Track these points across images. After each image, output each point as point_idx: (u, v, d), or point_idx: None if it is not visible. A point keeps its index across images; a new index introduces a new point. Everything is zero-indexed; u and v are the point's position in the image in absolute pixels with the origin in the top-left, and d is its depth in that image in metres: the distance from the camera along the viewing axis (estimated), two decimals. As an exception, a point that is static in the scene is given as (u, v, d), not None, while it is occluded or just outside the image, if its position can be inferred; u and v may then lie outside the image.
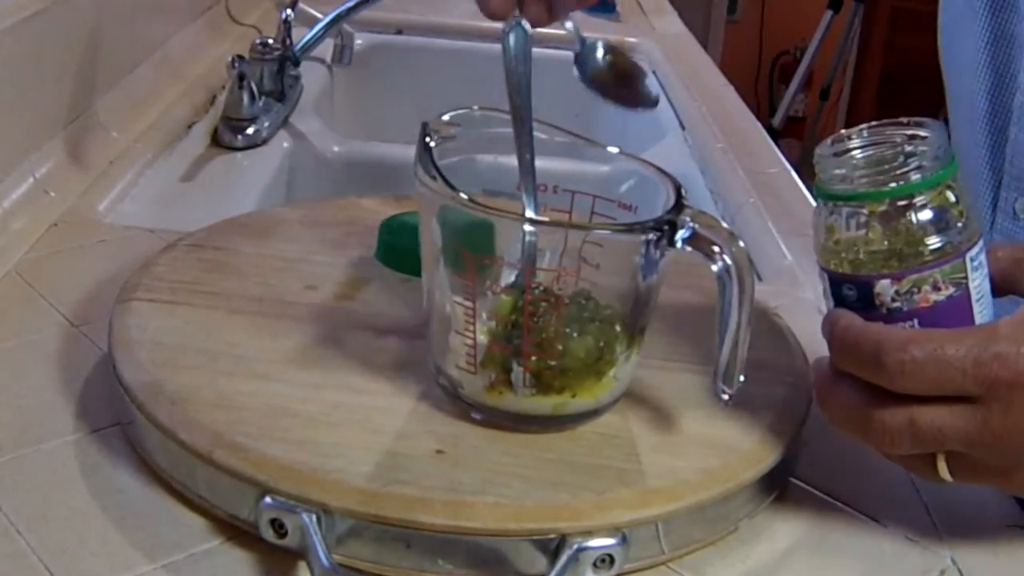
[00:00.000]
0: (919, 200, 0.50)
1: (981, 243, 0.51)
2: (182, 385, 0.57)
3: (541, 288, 0.54)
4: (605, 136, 0.63)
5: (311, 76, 1.27)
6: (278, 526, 0.51)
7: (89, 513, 0.53)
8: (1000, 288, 0.53)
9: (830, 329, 0.52)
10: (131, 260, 0.73)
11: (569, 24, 0.69)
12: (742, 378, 0.55)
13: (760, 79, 3.97)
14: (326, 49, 1.31)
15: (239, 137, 1.06)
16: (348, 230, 0.75)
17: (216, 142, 1.06)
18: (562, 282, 0.54)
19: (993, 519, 0.59)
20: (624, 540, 0.51)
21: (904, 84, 3.17)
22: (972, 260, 0.51)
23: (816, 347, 0.71)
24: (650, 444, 0.56)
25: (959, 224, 0.50)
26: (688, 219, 0.53)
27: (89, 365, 0.64)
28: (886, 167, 0.50)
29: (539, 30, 0.61)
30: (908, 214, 0.50)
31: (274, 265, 0.70)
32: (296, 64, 1.19)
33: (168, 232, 0.77)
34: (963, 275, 0.51)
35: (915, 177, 0.50)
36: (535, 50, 0.61)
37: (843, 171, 0.51)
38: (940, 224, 0.50)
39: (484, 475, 0.52)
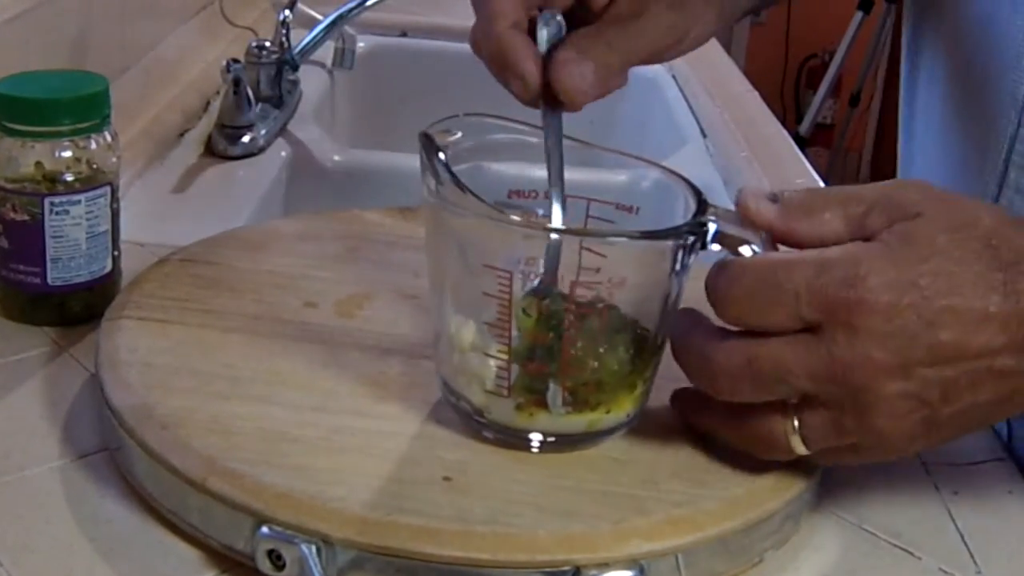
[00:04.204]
0: None
1: None
2: (174, 408, 0.57)
3: (574, 301, 0.55)
4: (621, 143, 0.63)
5: (310, 81, 1.27)
6: (276, 557, 0.51)
7: (75, 544, 0.53)
8: None
9: None
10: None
11: None
12: (767, 400, 0.55)
13: (786, 84, 3.98)
14: (326, 52, 1.31)
15: (234, 145, 1.06)
16: (349, 244, 0.76)
17: (210, 151, 1.06)
18: (592, 294, 0.55)
19: (1036, 551, 0.59)
20: (642, 572, 0.51)
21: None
22: None
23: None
24: (669, 470, 0.56)
25: None
26: (713, 218, 0.54)
27: (75, 387, 0.64)
28: None
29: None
30: None
31: (271, 281, 0.70)
32: (295, 68, 1.20)
33: (159, 246, 0.78)
34: None
35: None
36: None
37: None
38: None
39: (494, 503, 0.52)
